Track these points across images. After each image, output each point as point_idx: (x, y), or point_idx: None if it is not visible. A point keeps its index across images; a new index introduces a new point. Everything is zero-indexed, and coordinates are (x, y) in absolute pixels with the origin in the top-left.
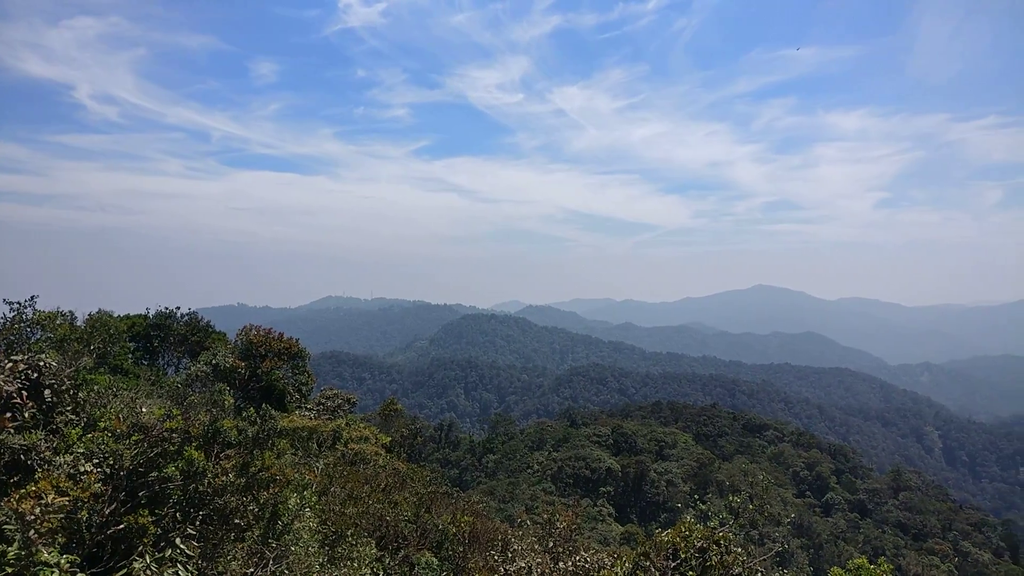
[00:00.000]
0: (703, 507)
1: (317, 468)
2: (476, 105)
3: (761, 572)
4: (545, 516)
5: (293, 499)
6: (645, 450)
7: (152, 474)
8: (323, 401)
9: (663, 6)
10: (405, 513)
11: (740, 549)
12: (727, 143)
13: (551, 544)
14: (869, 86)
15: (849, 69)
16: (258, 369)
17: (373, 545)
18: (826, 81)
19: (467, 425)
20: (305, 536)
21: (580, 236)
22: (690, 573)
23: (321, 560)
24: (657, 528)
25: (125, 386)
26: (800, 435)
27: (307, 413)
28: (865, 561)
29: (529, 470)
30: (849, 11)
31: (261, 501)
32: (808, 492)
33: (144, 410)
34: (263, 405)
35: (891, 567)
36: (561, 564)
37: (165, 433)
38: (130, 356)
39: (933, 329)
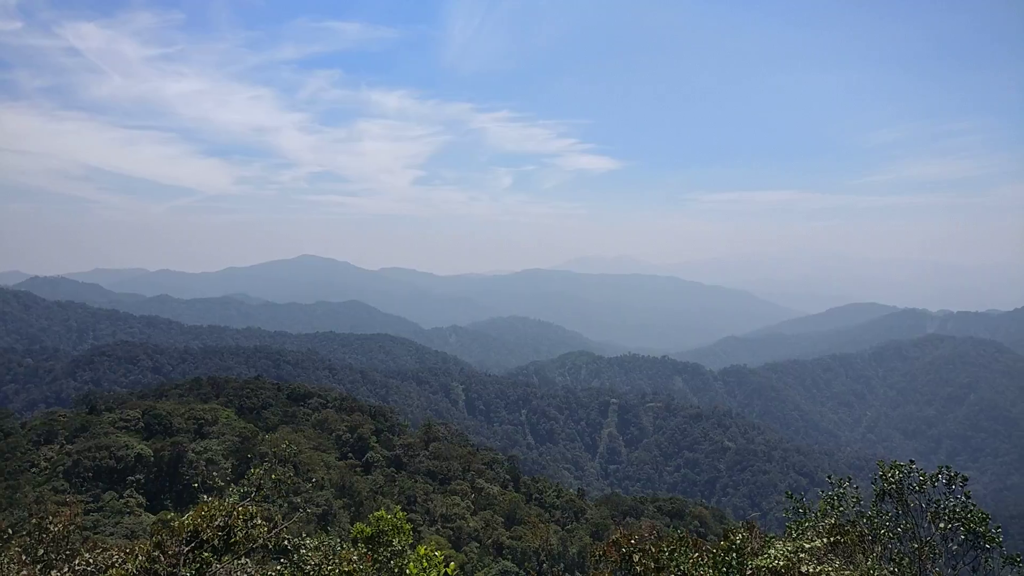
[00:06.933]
0: (221, 484)
1: None
2: None
3: (288, 538)
4: (34, 520)
5: None
6: (182, 430)
7: None
8: None
9: None
10: None
11: (260, 520)
12: (272, 109)
13: (42, 552)
14: (408, 69)
15: (390, 49)
16: None
17: None
18: (369, 58)
19: None
20: None
21: (104, 197)
22: (206, 554)
23: None
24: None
25: None
26: (343, 400)
27: None
28: (384, 512)
29: (35, 469)
30: None
31: None
32: (351, 454)
33: None
34: None
35: (405, 514)
36: (55, 572)
37: None
38: None
39: (460, 295)
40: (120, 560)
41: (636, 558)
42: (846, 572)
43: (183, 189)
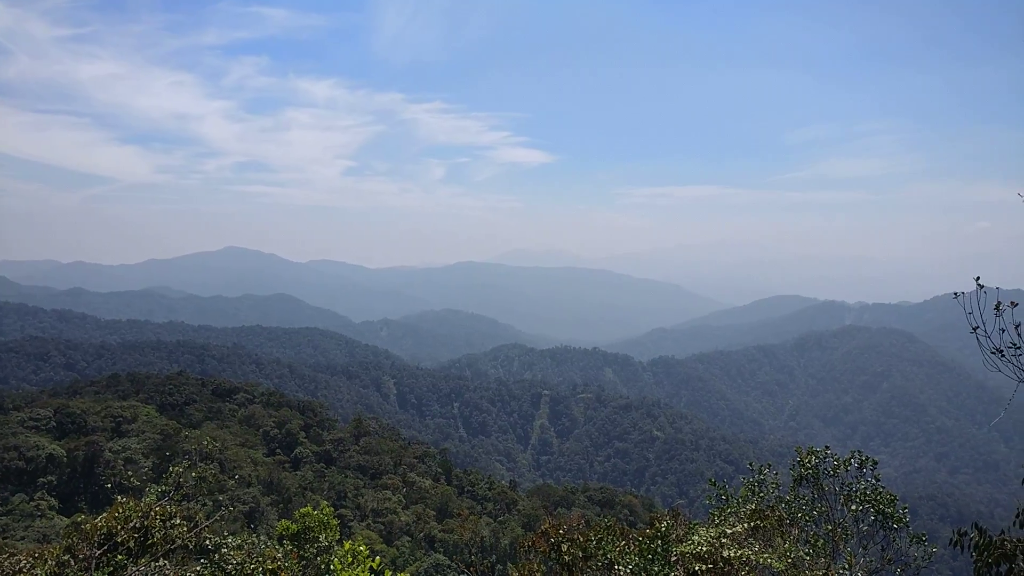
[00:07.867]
0: (138, 484)
1: None
2: None
3: (210, 537)
4: None
5: None
6: (99, 429)
7: None
8: None
9: None
10: None
11: (180, 520)
12: (195, 96)
13: None
14: (338, 57)
15: (320, 37)
16: None
17: None
18: (298, 46)
19: None
20: None
21: (10, 184)
22: (120, 557)
23: None
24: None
25: None
26: (271, 395)
27: None
28: (310, 508)
29: None
30: None
31: None
32: (279, 450)
33: None
34: None
35: (333, 510)
36: None
37: None
38: None
39: (392, 288)
40: (28, 565)
41: (564, 547)
42: (765, 555)
43: (99, 177)
